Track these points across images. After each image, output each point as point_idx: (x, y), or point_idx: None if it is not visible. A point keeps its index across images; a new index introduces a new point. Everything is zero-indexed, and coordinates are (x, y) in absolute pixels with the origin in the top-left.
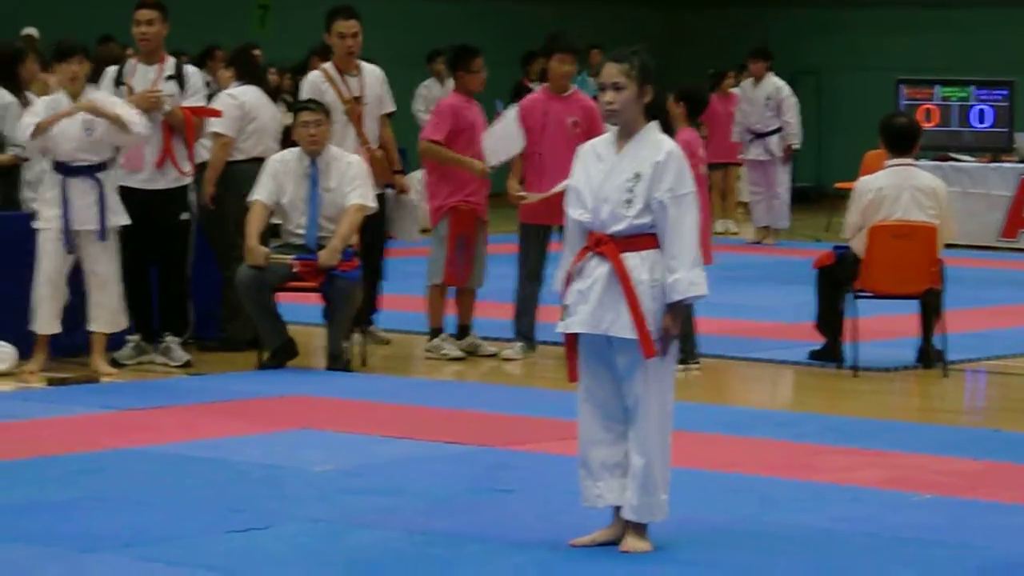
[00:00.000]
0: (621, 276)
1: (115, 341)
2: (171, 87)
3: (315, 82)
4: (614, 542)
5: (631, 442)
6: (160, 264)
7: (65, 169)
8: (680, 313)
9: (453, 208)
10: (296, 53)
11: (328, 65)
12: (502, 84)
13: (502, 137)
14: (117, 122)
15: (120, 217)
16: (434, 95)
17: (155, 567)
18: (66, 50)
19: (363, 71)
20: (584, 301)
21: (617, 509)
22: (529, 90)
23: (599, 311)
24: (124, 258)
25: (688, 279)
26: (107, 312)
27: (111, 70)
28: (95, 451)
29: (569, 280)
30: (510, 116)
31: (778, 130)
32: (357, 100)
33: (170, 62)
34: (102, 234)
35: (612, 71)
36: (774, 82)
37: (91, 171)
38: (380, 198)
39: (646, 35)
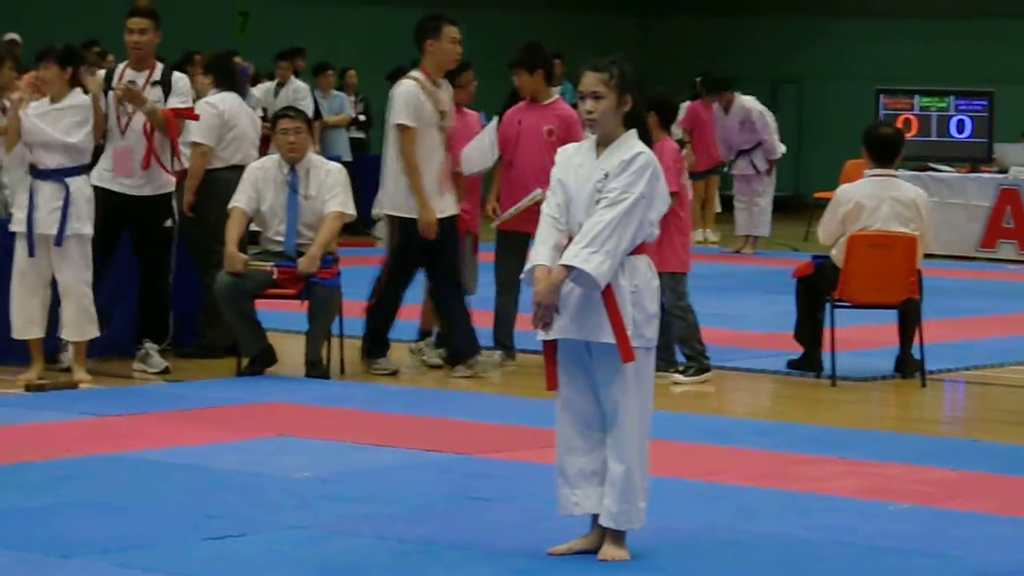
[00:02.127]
0: None
1: (98, 347)
2: (156, 93)
3: (414, 93)
4: (592, 551)
5: (610, 449)
6: (142, 270)
7: (36, 172)
8: (557, 281)
9: None
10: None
11: (419, 75)
12: (486, 94)
13: (475, 148)
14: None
15: (84, 226)
16: None
17: (132, 573)
18: (39, 54)
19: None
20: (563, 308)
21: (595, 517)
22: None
23: (579, 317)
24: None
25: (574, 252)
26: (70, 320)
27: (99, 74)
28: (72, 457)
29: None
30: (488, 129)
31: (759, 144)
32: (443, 114)
33: (158, 68)
34: (59, 240)
35: (592, 80)
36: (743, 104)
37: (61, 175)
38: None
39: (644, 44)
